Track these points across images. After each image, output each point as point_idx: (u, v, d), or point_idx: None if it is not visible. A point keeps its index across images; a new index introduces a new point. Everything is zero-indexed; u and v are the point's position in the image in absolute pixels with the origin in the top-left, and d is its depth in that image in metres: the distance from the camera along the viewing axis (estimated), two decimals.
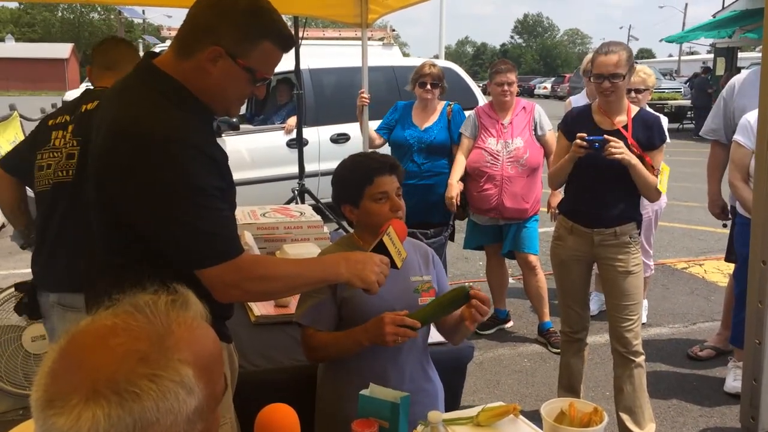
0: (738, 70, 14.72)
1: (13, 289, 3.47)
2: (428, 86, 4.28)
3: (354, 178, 2.02)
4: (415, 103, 4.45)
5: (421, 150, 4.29)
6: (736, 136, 3.47)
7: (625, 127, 3.00)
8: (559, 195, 4.32)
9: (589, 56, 4.85)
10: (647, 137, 3.01)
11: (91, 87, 2.69)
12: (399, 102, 4.57)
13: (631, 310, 3.02)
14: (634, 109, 3.08)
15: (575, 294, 3.22)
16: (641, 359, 3.07)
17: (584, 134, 2.87)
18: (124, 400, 0.78)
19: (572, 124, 3.12)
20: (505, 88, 4.14)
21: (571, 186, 3.15)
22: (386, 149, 4.35)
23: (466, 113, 4.41)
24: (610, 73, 2.90)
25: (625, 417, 3.07)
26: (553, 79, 44.90)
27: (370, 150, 4.19)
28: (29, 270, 2.63)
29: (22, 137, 11.95)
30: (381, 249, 1.77)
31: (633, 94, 4.24)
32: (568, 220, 3.15)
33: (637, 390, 3.05)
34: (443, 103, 4.41)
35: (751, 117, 3.37)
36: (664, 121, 4.36)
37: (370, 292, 1.70)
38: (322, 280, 1.72)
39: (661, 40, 16.07)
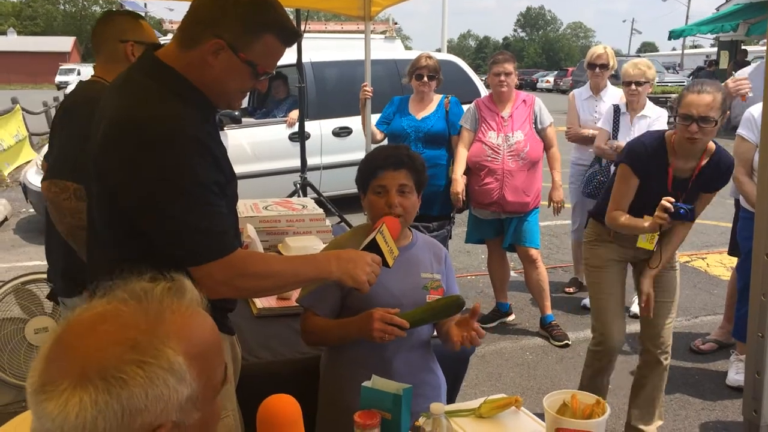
0: (746, 63, 14.65)
1: (15, 282, 3.48)
2: (425, 78, 4.27)
3: (363, 169, 2.05)
4: (411, 95, 4.45)
5: (418, 139, 4.29)
6: (740, 130, 3.45)
7: (700, 171, 2.73)
8: (561, 189, 4.33)
9: (594, 49, 4.86)
10: (714, 180, 2.76)
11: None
12: (395, 97, 4.56)
13: (671, 308, 2.94)
14: (711, 148, 2.74)
15: (618, 302, 2.99)
16: (668, 361, 2.99)
17: (672, 199, 2.59)
18: (111, 386, 0.79)
19: (646, 163, 2.73)
20: (502, 78, 4.12)
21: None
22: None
23: (467, 106, 4.40)
24: (700, 115, 2.55)
25: (635, 413, 3.04)
26: (555, 72, 44.75)
27: (393, 145, 4.17)
28: (32, 263, 2.64)
29: (24, 131, 12.01)
30: (374, 247, 1.76)
31: (633, 87, 4.24)
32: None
33: (656, 389, 3.00)
34: (440, 95, 4.41)
35: (755, 111, 3.35)
36: (666, 115, 4.37)
37: (361, 292, 1.71)
38: (313, 278, 1.72)
39: (670, 38, 15.98)
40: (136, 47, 2.32)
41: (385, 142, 4.47)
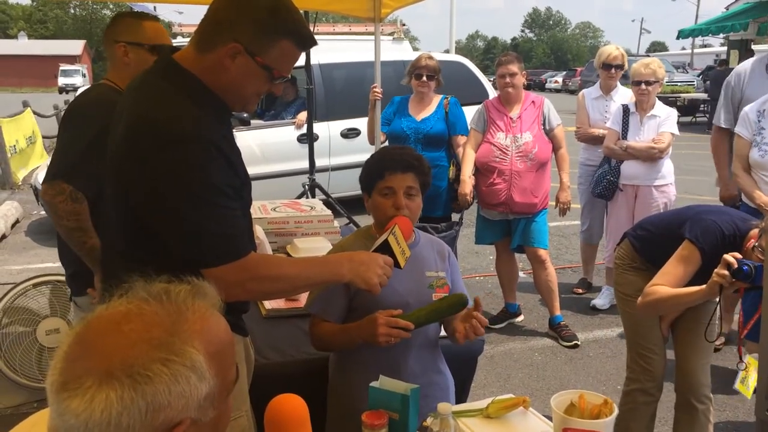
0: None
1: (27, 283, 3.51)
2: (424, 78, 4.26)
3: (370, 169, 2.05)
4: (411, 96, 4.44)
5: (417, 141, 4.29)
6: (737, 129, 3.57)
7: None
8: (568, 190, 4.32)
9: (608, 49, 4.85)
10: None
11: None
12: (395, 97, 4.56)
13: (708, 344, 2.59)
14: None
15: (660, 335, 2.68)
16: (706, 406, 2.61)
17: (738, 255, 2.15)
18: (137, 383, 0.80)
19: (717, 253, 2.25)
20: (507, 79, 4.12)
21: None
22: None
23: (476, 107, 4.39)
24: None
25: None
26: (564, 72, 44.59)
27: (399, 146, 4.16)
28: (43, 265, 2.67)
29: (39, 133, 12.16)
30: (385, 248, 1.77)
31: (643, 86, 4.23)
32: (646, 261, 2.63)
33: None
34: (440, 96, 4.40)
35: (749, 109, 3.50)
36: (676, 114, 4.36)
37: (372, 293, 1.71)
38: (325, 280, 1.73)
39: (679, 38, 15.93)
40: (130, 48, 2.26)
41: (386, 143, 4.48)
